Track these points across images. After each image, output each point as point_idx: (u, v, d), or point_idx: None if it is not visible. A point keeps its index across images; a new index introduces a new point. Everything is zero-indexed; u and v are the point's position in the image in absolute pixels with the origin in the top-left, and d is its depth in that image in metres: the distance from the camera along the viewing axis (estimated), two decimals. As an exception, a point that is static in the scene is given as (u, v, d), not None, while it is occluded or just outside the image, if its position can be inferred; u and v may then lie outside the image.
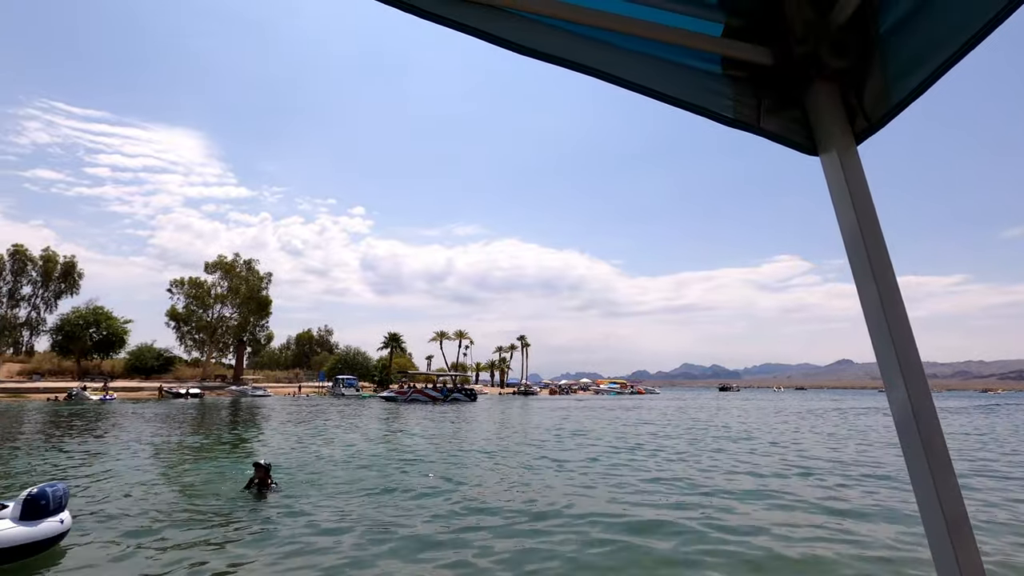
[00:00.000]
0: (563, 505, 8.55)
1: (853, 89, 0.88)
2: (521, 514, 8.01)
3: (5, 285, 54.61)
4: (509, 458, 14.34)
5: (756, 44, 0.90)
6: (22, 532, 5.46)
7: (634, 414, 34.32)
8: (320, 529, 6.99)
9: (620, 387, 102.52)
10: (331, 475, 11.03)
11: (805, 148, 0.93)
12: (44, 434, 18.90)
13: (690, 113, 0.94)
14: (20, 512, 5.58)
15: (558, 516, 7.86)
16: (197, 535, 6.75)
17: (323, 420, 26.59)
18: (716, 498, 9.25)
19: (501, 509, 8.18)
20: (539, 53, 0.87)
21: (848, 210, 0.82)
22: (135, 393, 50.53)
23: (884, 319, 0.76)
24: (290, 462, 12.83)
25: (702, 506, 8.67)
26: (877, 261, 0.78)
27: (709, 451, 15.91)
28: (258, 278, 69.78)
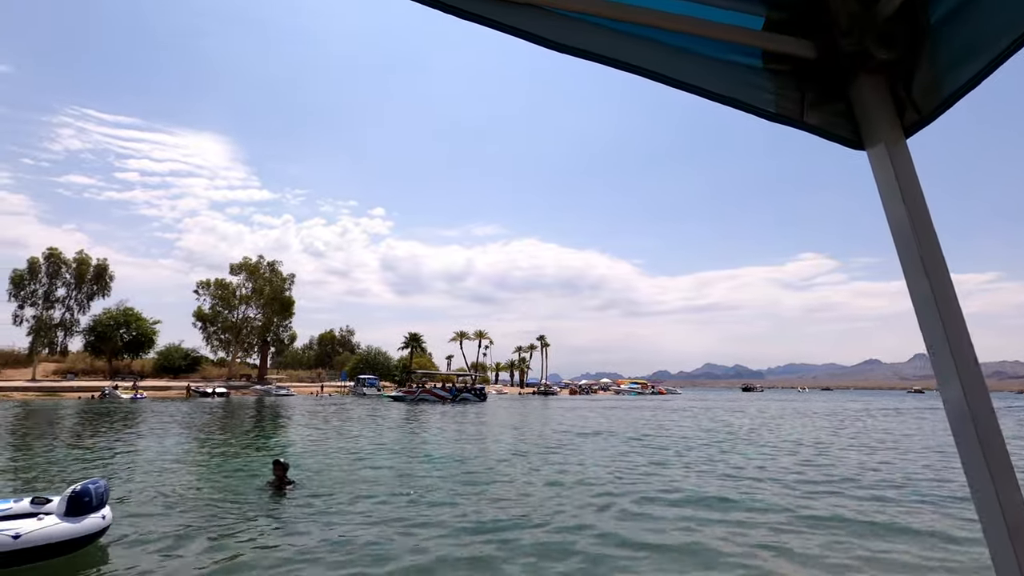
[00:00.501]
0: (585, 521, 8.48)
1: (901, 81, 0.86)
2: (539, 524, 7.97)
3: (41, 287, 56.28)
4: (533, 460, 14.30)
5: (798, 37, 0.88)
6: (68, 528, 5.64)
7: (657, 415, 33.96)
8: (336, 528, 7.04)
9: (641, 387, 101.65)
10: (349, 474, 11.12)
11: (850, 142, 0.91)
12: (79, 432, 19.48)
13: (730, 109, 0.93)
14: (65, 508, 5.75)
15: (581, 531, 7.80)
16: (219, 532, 6.87)
17: (344, 420, 26.90)
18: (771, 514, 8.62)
19: (520, 517, 8.10)
20: (581, 51, 0.86)
21: (898, 204, 0.80)
22: (164, 392, 51.83)
23: (938, 316, 0.73)
24: (310, 461, 13.01)
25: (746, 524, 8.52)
26: (929, 256, 0.76)
27: (747, 460, 15.61)
28: (281, 279, 70.91)
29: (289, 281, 71.85)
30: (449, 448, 16.01)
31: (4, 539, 5.17)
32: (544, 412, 36.61)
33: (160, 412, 30.00)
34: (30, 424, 22.33)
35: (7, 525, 5.32)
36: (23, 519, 5.52)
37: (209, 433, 19.71)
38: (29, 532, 5.34)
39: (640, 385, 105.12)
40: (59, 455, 13.90)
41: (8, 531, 5.24)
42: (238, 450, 15.15)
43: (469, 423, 26.03)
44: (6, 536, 5.20)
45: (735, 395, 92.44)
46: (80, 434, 18.76)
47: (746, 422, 28.19)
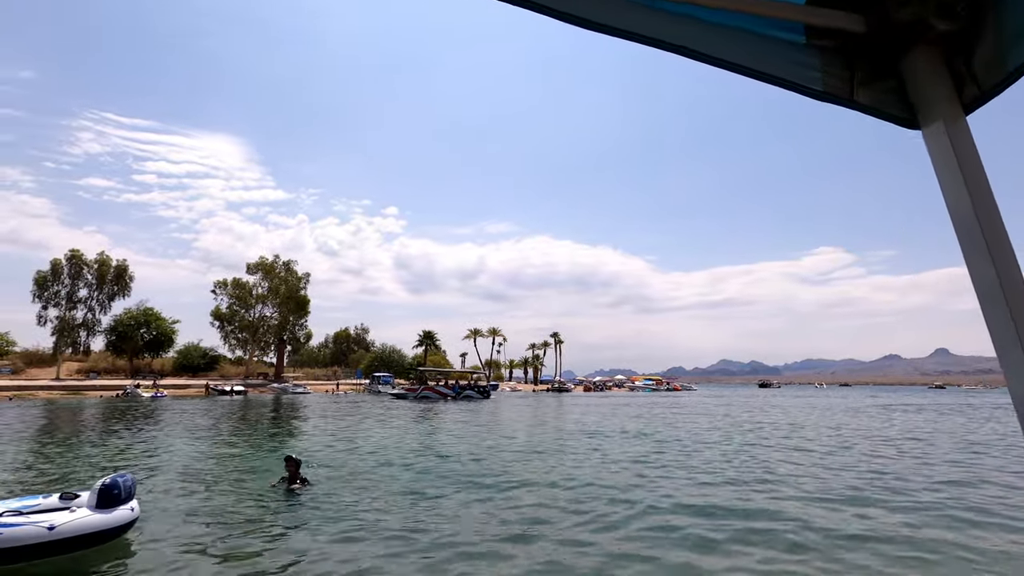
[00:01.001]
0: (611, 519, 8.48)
1: (961, 55, 0.80)
2: (560, 524, 7.98)
3: (63, 288, 57.47)
4: (548, 459, 14.33)
5: (847, 11, 0.83)
6: (100, 519, 5.80)
7: (673, 412, 33.78)
8: (348, 526, 7.06)
9: (655, 384, 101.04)
10: (362, 471, 11.17)
11: (905, 121, 0.85)
12: (102, 430, 19.90)
13: (779, 89, 0.86)
14: (96, 501, 5.91)
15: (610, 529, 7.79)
16: (235, 527, 6.98)
17: (359, 417, 27.15)
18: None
19: (538, 515, 8.11)
20: (614, 30, 0.81)
21: (958, 186, 0.74)
22: (183, 391, 52.71)
23: (1004, 303, 0.68)
24: (324, 457, 13.16)
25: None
26: (994, 240, 0.70)
27: (771, 454, 15.50)
28: (296, 278, 71.63)
29: (304, 280, 72.58)
30: (461, 446, 16.05)
31: (39, 531, 5.33)
32: (558, 409, 36.60)
33: (180, 410, 30.51)
34: (55, 422, 22.85)
35: (41, 517, 5.48)
36: (56, 512, 5.69)
37: (227, 430, 20.03)
38: (63, 524, 5.50)
39: (655, 381, 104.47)
40: (83, 452, 14.22)
41: (43, 523, 5.40)
42: (255, 447, 15.37)
43: (478, 421, 26.12)
44: (41, 528, 5.36)
45: (752, 391, 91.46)
46: (103, 432, 19.17)
47: (780, 418, 27.93)
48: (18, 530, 5.26)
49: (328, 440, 17.09)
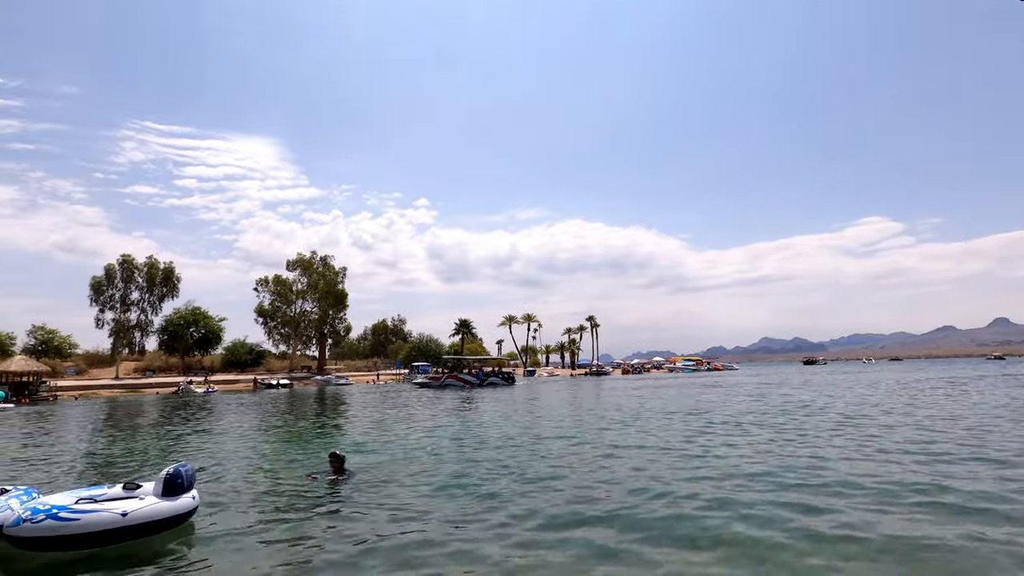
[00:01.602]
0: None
1: None
2: (615, 515, 7.90)
3: (117, 292, 60.27)
4: (598, 444, 14.24)
5: None
6: (167, 507, 6.04)
7: (719, 392, 33.17)
8: (394, 512, 7.05)
9: (696, 364, 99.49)
10: (403, 459, 11.13)
11: None
12: (162, 423, 20.86)
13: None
14: (162, 489, 6.15)
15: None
16: (285, 516, 7.14)
17: (401, 406, 27.63)
18: None
19: (591, 508, 7.96)
20: None
21: None
22: (232, 385, 54.78)
23: None
24: (366, 446, 13.36)
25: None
26: None
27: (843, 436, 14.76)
28: (334, 273, 73.12)
29: (341, 274, 74.02)
30: (502, 431, 16.09)
31: (114, 517, 5.59)
32: (597, 392, 36.41)
33: (231, 404, 31.71)
34: (119, 418, 24.07)
35: (114, 505, 5.74)
36: (126, 500, 5.95)
37: (275, 422, 20.69)
38: (134, 511, 5.74)
39: (695, 362, 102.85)
40: (147, 445, 14.93)
41: (116, 510, 5.66)
42: (301, 438, 15.72)
43: (515, 407, 26.21)
44: (115, 514, 5.61)
45: (796, 369, 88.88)
46: (163, 426, 20.07)
47: (844, 396, 27.10)
48: (95, 516, 5.52)
49: (369, 429, 17.45)
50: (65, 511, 5.46)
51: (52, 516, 5.37)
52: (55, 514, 5.39)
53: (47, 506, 5.50)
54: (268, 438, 15.65)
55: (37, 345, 56.55)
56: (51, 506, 5.51)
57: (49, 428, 20.21)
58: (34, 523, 5.31)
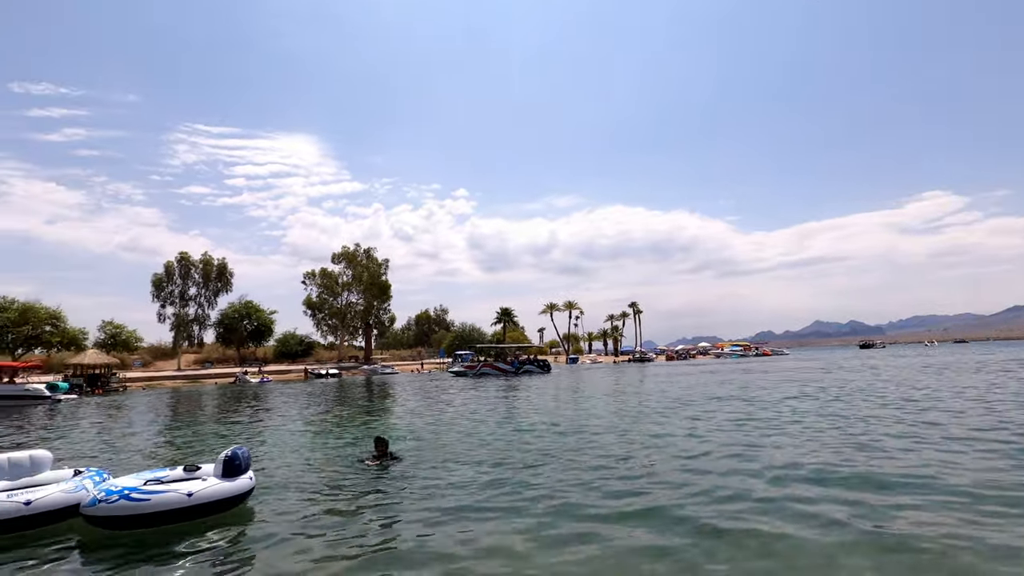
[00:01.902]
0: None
1: None
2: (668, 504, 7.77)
3: (176, 288, 63.47)
4: (641, 430, 14.07)
5: None
6: (228, 487, 6.34)
7: (769, 377, 32.18)
8: (435, 508, 6.97)
9: (743, 349, 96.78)
10: (450, 449, 11.06)
11: None
12: (221, 411, 21.91)
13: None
14: (221, 471, 6.46)
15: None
16: (336, 497, 7.34)
17: (445, 393, 28.04)
18: None
19: (643, 496, 7.88)
20: None
21: None
22: (285, 375, 56.97)
23: None
24: (413, 430, 13.65)
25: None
26: None
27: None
28: (377, 265, 74.72)
29: (384, 266, 75.57)
30: (544, 419, 16.05)
31: (180, 497, 5.91)
32: (639, 378, 35.94)
33: (285, 393, 32.98)
34: (183, 406, 25.42)
35: (181, 486, 6.06)
36: (189, 481, 6.27)
37: (325, 409, 21.38)
38: (198, 491, 6.06)
39: (742, 347, 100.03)
40: (208, 430, 15.74)
41: (182, 489, 5.99)
42: (350, 423, 16.18)
43: (557, 393, 26.14)
44: (181, 494, 5.94)
45: (852, 353, 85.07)
46: (223, 413, 21.08)
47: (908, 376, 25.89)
48: (164, 496, 5.86)
49: (414, 415, 17.80)
50: (136, 492, 5.80)
51: (124, 496, 5.72)
52: (127, 495, 5.74)
53: (119, 487, 5.87)
54: (319, 424, 16.18)
55: (107, 339, 60.23)
56: (123, 487, 5.88)
57: (123, 416, 21.55)
58: (108, 503, 5.67)
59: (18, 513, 5.71)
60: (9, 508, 5.69)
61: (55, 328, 55.30)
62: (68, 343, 55.66)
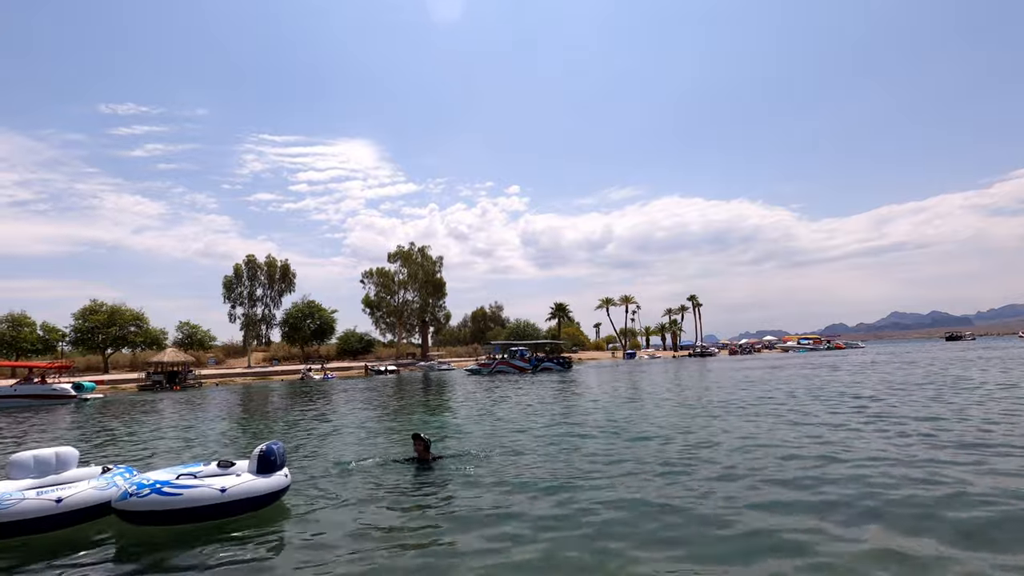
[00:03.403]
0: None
1: None
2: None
3: (244, 289, 66.64)
4: (706, 426, 13.13)
5: None
6: (262, 484, 6.11)
7: (852, 374, 29.90)
8: (479, 502, 6.55)
9: (813, 343, 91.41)
10: (498, 452, 10.22)
11: None
12: (291, 406, 22.51)
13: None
14: (256, 467, 6.25)
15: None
16: (376, 499, 6.98)
17: (500, 391, 27.71)
18: None
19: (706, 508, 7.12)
20: None
21: None
22: (346, 372, 58.63)
23: None
24: (459, 429, 13.23)
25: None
26: None
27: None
28: (431, 263, 75.66)
29: (439, 264, 76.42)
30: (591, 419, 15.25)
31: (214, 492, 5.71)
32: (700, 375, 34.29)
33: (347, 389, 33.79)
34: (255, 401, 26.38)
35: (214, 481, 5.87)
36: (224, 477, 6.07)
37: (382, 404, 21.53)
38: (233, 487, 5.84)
39: (812, 340, 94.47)
40: (280, 422, 16.23)
41: (216, 486, 5.78)
42: (400, 422, 15.90)
43: (606, 392, 25.21)
44: (215, 490, 5.73)
45: (937, 345, 78.40)
46: (290, 407, 21.62)
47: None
48: (196, 491, 5.66)
49: (466, 413, 17.45)
50: (168, 486, 5.62)
51: (156, 491, 5.54)
52: (159, 489, 5.56)
53: (151, 481, 5.69)
54: (370, 422, 16.11)
55: (184, 339, 64.10)
56: (155, 481, 5.69)
57: (202, 410, 22.55)
58: (140, 497, 5.49)
59: (50, 511, 5.54)
60: (40, 507, 5.51)
61: (139, 329, 59.40)
62: (150, 342, 59.69)
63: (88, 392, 33.15)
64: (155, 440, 13.74)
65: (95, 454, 11.63)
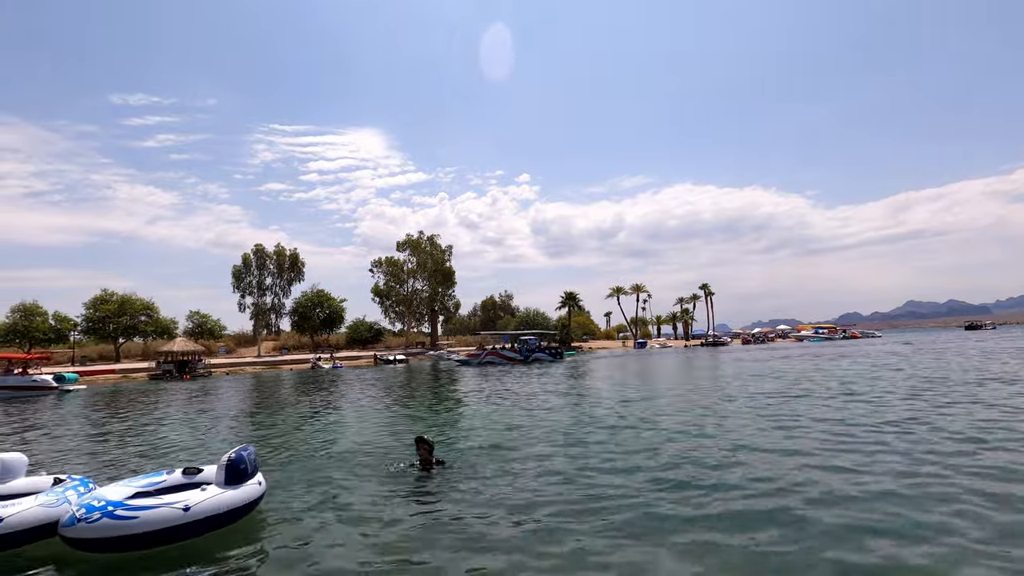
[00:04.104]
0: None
1: None
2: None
3: (253, 278, 66.50)
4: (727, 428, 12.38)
5: None
6: (231, 497, 5.44)
7: (870, 365, 28.85)
8: (490, 516, 5.83)
9: (828, 332, 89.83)
10: (508, 450, 9.49)
11: None
12: (296, 395, 22.06)
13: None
14: (224, 477, 5.55)
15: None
16: (365, 510, 6.35)
17: (508, 380, 27.09)
18: None
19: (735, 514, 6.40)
20: None
21: None
22: (355, 361, 58.40)
23: None
24: (472, 427, 12.42)
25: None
26: None
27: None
28: (440, 251, 75.06)
29: (448, 252, 75.80)
30: (612, 410, 14.56)
31: (175, 512, 5.03)
32: (714, 365, 33.38)
33: (355, 378, 33.46)
34: (265, 391, 25.99)
35: (175, 497, 5.19)
36: (187, 491, 5.41)
37: (385, 395, 20.99)
38: (197, 503, 5.17)
39: (827, 329, 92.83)
40: (288, 414, 15.78)
41: (177, 503, 5.10)
42: (403, 417, 15.24)
43: (617, 383, 24.48)
44: (176, 509, 5.06)
45: (956, 335, 76.55)
46: (299, 397, 21.14)
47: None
48: (154, 513, 4.93)
49: (471, 409, 16.59)
50: (122, 508, 4.91)
51: (108, 515, 4.82)
52: (111, 512, 4.84)
53: (102, 503, 4.95)
54: (372, 416, 15.50)
55: (194, 328, 64.26)
56: (106, 502, 4.96)
57: (211, 400, 22.30)
58: (89, 523, 4.78)
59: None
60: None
61: (149, 318, 59.53)
62: (161, 332, 59.82)
63: (70, 383, 32.47)
64: (133, 436, 13.04)
65: (56, 457, 10.63)
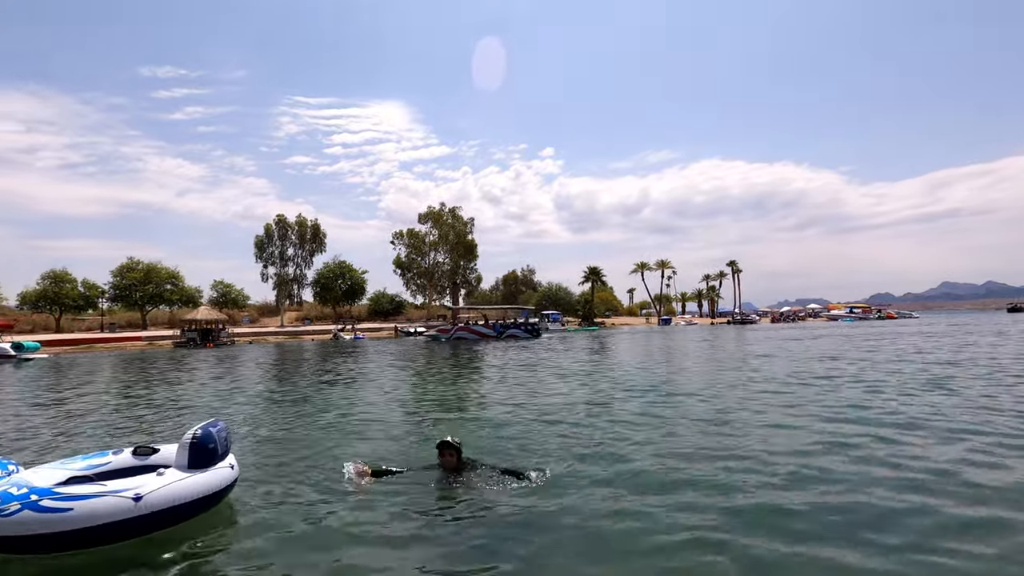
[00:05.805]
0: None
1: None
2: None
3: (276, 249, 66.39)
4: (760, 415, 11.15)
5: None
6: (195, 483, 4.40)
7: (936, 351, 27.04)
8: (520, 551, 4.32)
9: (862, 312, 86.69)
10: (543, 438, 7.85)
11: None
12: (318, 366, 21.47)
13: None
14: (188, 459, 4.53)
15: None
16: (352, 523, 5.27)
17: (531, 354, 26.15)
18: None
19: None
20: None
21: None
22: (376, 333, 58.23)
23: None
24: (501, 419, 10.00)
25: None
26: None
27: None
28: (462, 224, 73.95)
29: (470, 225, 74.69)
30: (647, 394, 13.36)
31: (123, 503, 3.97)
32: (738, 341, 31.82)
33: (377, 350, 32.99)
34: (289, 360, 25.57)
35: (123, 484, 4.13)
36: (139, 475, 4.38)
37: (404, 368, 20.18)
38: (152, 492, 4.09)
39: (861, 309, 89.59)
40: (311, 383, 15.35)
41: (125, 492, 3.99)
42: (420, 396, 13.83)
43: (645, 363, 23.26)
44: (125, 499, 3.95)
45: (996, 318, 72.71)
46: (320, 367, 20.53)
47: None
48: (94, 504, 3.87)
49: (496, 391, 14.18)
50: (50, 497, 3.80)
51: (30, 505, 3.73)
52: (35, 502, 3.75)
53: (23, 490, 3.82)
54: (390, 394, 14.58)
55: (218, 297, 64.71)
56: (29, 490, 3.83)
57: (235, 367, 21.98)
58: (5, 516, 3.69)
59: None
60: None
61: (174, 287, 60.07)
62: (186, 300, 60.39)
63: (31, 352, 31.46)
64: (91, 412, 11.37)
65: None
